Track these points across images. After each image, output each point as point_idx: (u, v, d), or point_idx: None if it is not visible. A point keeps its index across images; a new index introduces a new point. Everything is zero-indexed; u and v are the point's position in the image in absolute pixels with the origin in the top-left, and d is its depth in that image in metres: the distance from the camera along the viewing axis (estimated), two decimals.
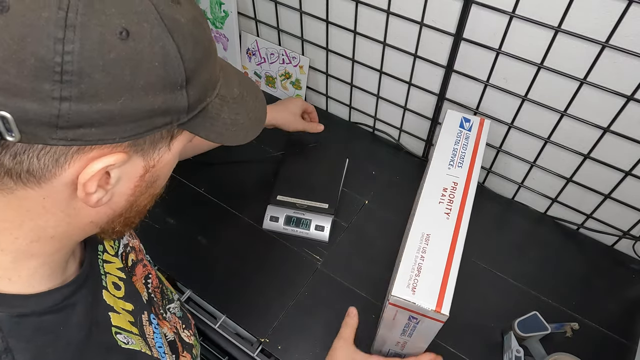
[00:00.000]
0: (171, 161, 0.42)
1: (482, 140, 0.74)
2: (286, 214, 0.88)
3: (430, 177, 0.68)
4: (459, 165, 0.70)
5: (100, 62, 0.31)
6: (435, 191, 0.67)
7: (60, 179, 0.35)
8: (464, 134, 0.75)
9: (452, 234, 0.64)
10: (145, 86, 0.34)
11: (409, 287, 0.58)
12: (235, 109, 0.44)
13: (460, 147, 0.73)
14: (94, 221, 0.41)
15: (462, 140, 0.74)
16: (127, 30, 0.32)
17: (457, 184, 0.68)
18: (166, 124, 0.37)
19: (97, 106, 0.32)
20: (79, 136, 0.33)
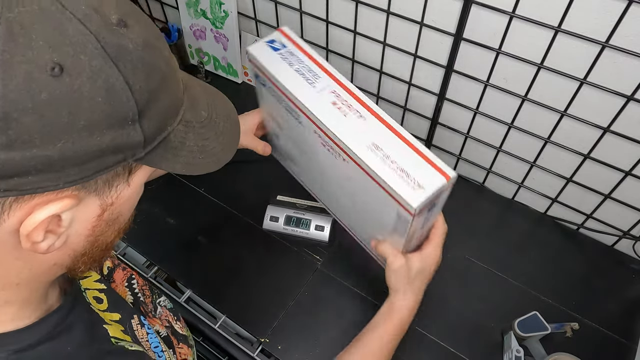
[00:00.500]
0: (133, 195, 0.38)
1: (302, 44, 0.68)
2: (286, 214, 0.88)
3: (311, 107, 0.62)
4: (317, 78, 0.64)
5: (29, 104, 0.27)
6: (330, 111, 0.61)
7: (2, 229, 0.31)
8: (286, 53, 0.67)
9: (383, 124, 0.60)
10: (87, 126, 0.30)
11: (414, 189, 0.55)
12: (203, 134, 0.40)
13: (297, 64, 0.66)
14: (57, 263, 0.38)
15: (290, 58, 0.66)
16: (61, 65, 0.28)
17: (337, 91, 0.63)
18: (119, 162, 0.33)
19: (31, 153, 0.28)
20: (13, 186, 0.29)
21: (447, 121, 0.92)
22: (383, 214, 0.62)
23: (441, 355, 0.74)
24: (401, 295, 0.64)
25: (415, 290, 0.65)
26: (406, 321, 0.64)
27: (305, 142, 0.70)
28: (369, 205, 0.65)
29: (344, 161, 0.62)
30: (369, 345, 0.62)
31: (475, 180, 0.98)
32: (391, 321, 0.63)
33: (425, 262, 0.64)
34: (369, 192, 0.61)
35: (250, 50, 0.68)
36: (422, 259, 0.64)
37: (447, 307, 0.79)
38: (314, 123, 0.63)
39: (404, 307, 0.64)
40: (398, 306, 0.64)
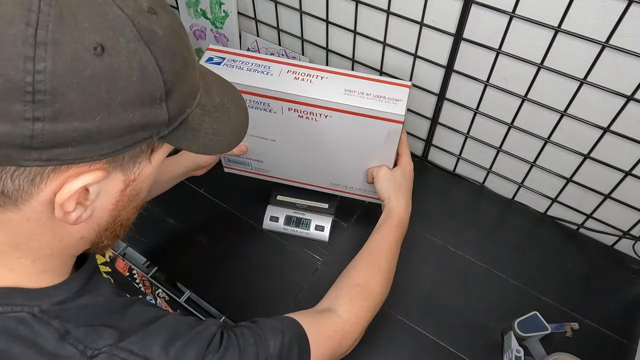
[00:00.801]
0: (152, 174, 0.41)
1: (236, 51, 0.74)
2: (286, 214, 0.88)
3: (281, 88, 0.69)
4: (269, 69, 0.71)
5: (75, 79, 0.30)
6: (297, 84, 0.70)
7: (38, 199, 0.34)
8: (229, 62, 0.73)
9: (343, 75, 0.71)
10: (123, 102, 0.33)
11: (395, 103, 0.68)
12: (217, 118, 0.43)
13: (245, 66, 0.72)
14: (84, 237, 0.41)
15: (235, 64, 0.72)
16: (102, 45, 0.31)
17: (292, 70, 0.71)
18: (146, 139, 0.36)
19: (73, 125, 0.31)
20: (54, 156, 0.32)
21: (447, 121, 0.92)
22: (373, 141, 0.73)
23: (441, 355, 0.74)
24: (393, 198, 0.75)
25: (404, 192, 0.76)
26: (403, 218, 0.74)
27: (279, 127, 0.76)
28: (357, 143, 0.74)
29: (326, 118, 0.71)
30: (373, 243, 0.70)
31: (475, 180, 0.98)
32: (390, 220, 0.72)
33: (405, 169, 0.78)
34: (356, 131, 0.71)
35: None
36: (402, 168, 0.77)
37: (447, 307, 0.79)
38: (287, 101, 0.70)
39: (398, 206, 0.74)
40: (393, 207, 0.74)
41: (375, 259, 0.68)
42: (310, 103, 0.69)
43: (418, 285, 0.82)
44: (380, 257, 0.68)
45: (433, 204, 0.94)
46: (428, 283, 0.82)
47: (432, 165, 1.02)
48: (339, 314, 0.61)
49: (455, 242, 0.87)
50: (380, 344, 0.75)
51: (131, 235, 0.86)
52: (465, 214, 0.93)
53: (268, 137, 0.80)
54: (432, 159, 1.02)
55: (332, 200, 0.90)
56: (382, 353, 0.74)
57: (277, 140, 0.80)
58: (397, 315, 0.78)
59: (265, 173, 0.89)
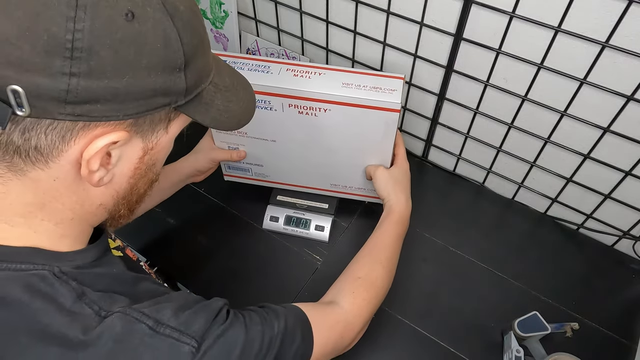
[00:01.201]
0: (167, 145, 0.44)
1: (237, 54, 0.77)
2: (286, 214, 0.88)
3: (281, 84, 0.71)
4: (269, 68, 0.74)
5: (108, 40, 0.33)
6: (297, 80, 0.72)
7: (67, 156, 0.37)
8: (230, 64, 0.74)
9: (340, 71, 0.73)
10: (148, 66, 0.35)
11: (391, 93, 0.70)
12: (228, 97, 0.46)
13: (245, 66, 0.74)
14: (102, 203, 0.44)
15: (236, 65, 0.75)
16: (133, 12, 0.34)
17: (290, 68, 0.73)
18: (165, 105, 0.39)
19: (104, 83, 0.34)
20: (85, 112, 0.34)
21: (447, 121, 0.92)
22: (371, 134, 0.75)
23: (441, 355, 0.74)
24: (393, 195, 0.76)
25: (402, 189, 0.77)
26: (404, 214, 0.75)
27: (280, 126, 0.77)
28: (355, 137, 0.76)
29: (325, 112, 0.73)
30: (374, 239, 0.72)
31: (475, 180, 0.98)
32: (390, 216, 0.73)
33: (402, 167, 0.79)
34: (354, 122, 0.73)
35: None
36: (398, 166, 0.79)
37: (447, 307, 0.79)
38: (287, 97, 0.72)
39: (398, 204, 0.75)
40: (393, 204, 0.75)
41: (376, 254, 0.69)
42: (309, 97, 0.71)
43: (418, 285, 0.82)
44: (381, 252, 0.69)
45: (433, 204, 0.94)
46: (428, 283, 0.82)
47: (432, 165, 1.02)
48: (341, 306, 0.62)
49: (455, 242, 0.87)
50: (380, 344, 0.75)
51: (132, 235, 0.87)
52: (465, 214, 0.93)
53: (269, 138, 0.80)
54: (432, 159, 1.02)
55: (332, 201, 0.90)
56: (382, 353, 0.74)
57: (277, 141, 0.80)
58: (397, 315, 0.78)
59: (266, 178, 0.90)
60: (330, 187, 0.88)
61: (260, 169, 0.88)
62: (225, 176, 0.92)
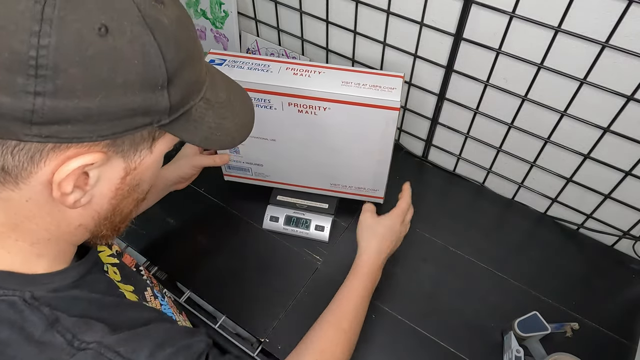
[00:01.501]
0: (154, 165, 0.41)
1: (237, 54, 0.77)
2: (286, 214, 0.88)
3: (281, 82, 0.71)
4: (269, 67, 0.74)
5: (77, 57, 0.31)
6: (296, 79, 0.72)
7: (37, 177, 0.34)
8: (230, 63, 0.75)
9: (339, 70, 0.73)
10: (124, 84, 0.33)
11: (391, 91, 0.70)
12: (222, 114, 0.43)
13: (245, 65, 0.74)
14: (82, 224, 0.41)
15: (237, 64, 0.74)
16: (106, 26, 0.31)
17: (290, 67, 0.74)
18: (146, 125, 0.36)
19: (74, 102, 0.31)
20: (54, 133, 0.32)
21: (447, 121, 0.92)
22: (371, 133, 0.74)
23: (441, 355, 0.74)
24: (363, 243, 0.72)
25: (377, 249, 0.71)
26: (373, 263, 0.70)
27: (279, 125, 0.77)
28: (355, 136, 0.76)
29: (325, 110, 0.72)
30: (339, 300, 0.68)
31: (475, 180, 0.98)
32: (357, 269, 0.70)
33: (390, 222, 0.74)
34: (354, 121, 0.73)
35: None
36: (388, 219, 0.74)
37: (447, 307, 0.79)
38: (287, 95, 0.72)
39: (367, 251, 0.71)
40: (361, 262, 0.71)
41: (339, 321, 0.65)
42: (309, 96, 0.71)
43: (418, 285, 0.82)
44: (345, 317, 0.65)
45: (433, 204, 0.94)
46: (428, 283, 0.82)
47: (432, 165, 1.02)
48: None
49: (455, 242, 0.87)
50: (380, 344, 0.75)
51: (131, 234, 0.87)
52: (465, 214, 0.93)
53: (269, 137, 0.80)
54: (432, 159, 1.02)
55: (332, 200, 0.90)
56: (382, 353, 0.74)
57: (277, 140, 0.80)
58: (397, 315, 0.78)
59: (266, 178, 0.90)
60: (330, 187, 0.88)
61: (260, 168, 0.88)
62: (225, 176, 0.92)
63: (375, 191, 0.87)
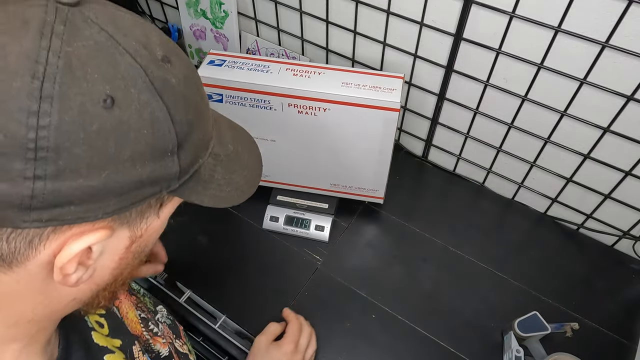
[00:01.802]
0: (159, 228, 0.39)
1: (236, 54, 0.77)
2: (286, 214, 0.88)
3: (280, 83, 0.71)
4: (269, 68, 0.74)
5: (82, 134, 0.28)
6: (296, 80, 0.72)
7: (35, 261, 0.31)
8: (230, 63, 0.75)
9: (339, 70, 0.74)
10: (132, 157, 0.30)
11: (391, 92, 0.70)
12: (230, 167, 0.41)
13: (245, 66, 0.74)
14: (76, 298, 0.38)
15: (237, 65, 0.74)
16: (112, 97, 0.29)
17: (290, 68, 0.74)
18: (155, 193, 0.34)
19: (77, 183, 0.29)
20: (55, 216, 0.29)
21: (447, 121, 0.92)
22: (371, 133, 0.74)
23: (441, 355, 0.74)
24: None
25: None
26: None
27: (279, 126, 0.77)
28: (355, 136, 0.76)
29: (325, 111, 0.73)
30: None
31: (475, 180, 0.98)
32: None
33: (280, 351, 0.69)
34: (354, 122, 0.73)
35: (199, 73, 0.73)
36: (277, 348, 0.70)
37: (447, 307, 0.79)
38: (287, 96, 0.72)
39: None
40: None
41: None
42: (309, 97, 0.71)
43: (418, 285, 0.82)
44: None
45: (433, 204, 0.95)
46: (428, 283, 0.82)
47: (432, 165, 1.02)
48: None
49: (455, 242, 0.87)
50: (380, 344, 0.75)
51: None
52: (465, 214, 0.93)
53: (268, 138, 0.80)
54: (432, 159, 1.02)
55: (332, 201, 0.90)
56: (382, 353, 0.74)
57: (277, 141, 0.80)
58: (397, 315, 0.78)
59: (266, 178, 0.90)
60: (330, 187, 0.88)
61: None
62: None
63: (376, 191, 0.86)
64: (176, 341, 0.63)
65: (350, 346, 0.75)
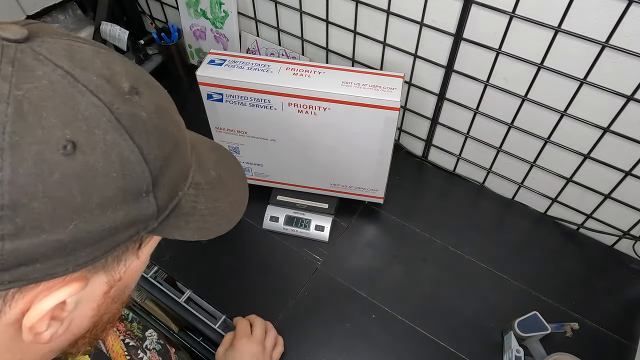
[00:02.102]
0: (141, 267, 0.36)
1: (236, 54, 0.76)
2: (286, 214, 0.88)
3: (281, 82, 0.71)
4: (269, 67, 0.74)
5: (40, 187, 0.25)
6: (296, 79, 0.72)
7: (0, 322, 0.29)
8: (230, 63, 0.74)
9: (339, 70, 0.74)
10: (101, 203, 0.27)
11: (391, 92, 0.70)
12: (213, 195, 0.38)
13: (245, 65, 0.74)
14: (53, 349, 0.35)
15: (237, 64, 0.74)
16: (74, 142, 0.26)
17: (290, 67, 0.74)
18: (132, 236, 0.31)
19: (40, 239, 0.26)
20: (19, 276, 0.26)
21: (447, 121, 0.92)
22: (371, 132, 0.74)
23: (441, 355, 0.74)
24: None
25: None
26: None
27: (279, 125, 0.77)
28: (355, 136, 0.76)
29: (325, 111, 0.73)
30: None
31: (475, 180, 0.98)
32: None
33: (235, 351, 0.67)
34: (353, 121, 0.73)
35: (199, 73, 0.74)
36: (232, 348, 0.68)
37: (447, 307, 0.79)
38: (287, 95, 0.72)
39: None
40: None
41: None
42: (309, 96, 0.71)
43: (418, 285, 0.82)
44: None
45: (433, 204, 0.95)
46: (428, 283, 0.82)
47: (432, 165, 1.02)
48: None
49: (455, 242, 0.87)
50: (380, 344, 0.75)
51: None
52: (465, 214, 0.93)
53: (269, 138, 0.80)
54: (432, 159, 1.02)
55: (332, 201, 0.90)
56: (382, 353, 0.74)
57: (277, 140, 0.80)
58: (397, 315, 0.78)
59: (266, 178, 0.90)
60: (330, 187, 0.88)
61: (260, 168, 0.88)
62: None
63: (376, 191, 0.86)
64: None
65: (350, 346, 0.75)
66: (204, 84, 0.74)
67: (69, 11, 1.15)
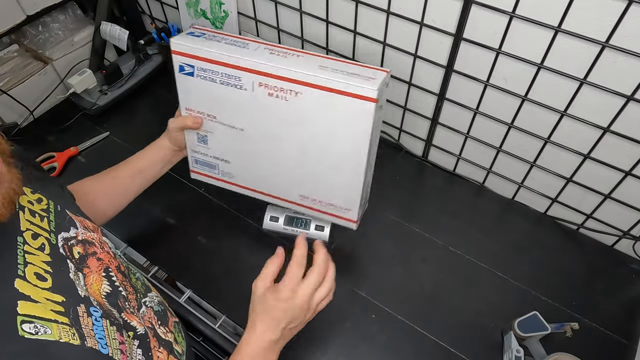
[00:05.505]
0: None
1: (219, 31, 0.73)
2: (286, 214, 0.88)
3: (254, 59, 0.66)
4: (247, 45, 0.70)
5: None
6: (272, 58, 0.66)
7: None
8: (210, 36, 0.71)
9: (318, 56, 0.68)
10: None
11: (369, 80, 0.62)
12: None
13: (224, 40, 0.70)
14: None
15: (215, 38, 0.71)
16: None
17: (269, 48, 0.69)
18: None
19: None
20: None
21: (447, 121, 0.92)
22: (343, 127, 0.66)
23: (441, 355, 0.74)
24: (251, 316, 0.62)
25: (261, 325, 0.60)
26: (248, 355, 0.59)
27: (248, 109, 0.71)
28: (326, 133, 0.68)
29: (296, 95, 0.66)
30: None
31: (475, 180, 0.98)
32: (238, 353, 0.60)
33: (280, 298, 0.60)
34: (325, 111, 0.66)
35: (174, 40, 0.69)
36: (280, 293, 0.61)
37: (447, 307, 0.79)
38: (259, 73, 0.66)
39: (245, 340, 0.60)
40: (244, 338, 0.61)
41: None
42: (281, 75, 0.65)
43: (418, 285, 0.82)
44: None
45: (433, 204, 0.94)
46: (428, 283, 0.82)
47: (432, 165, 1.02)
48: None
49: (455, 242, 0.87)
50: (380, 344, 0.75)
51: (132, 235, 0.87)
52: (465, 214, 0.93)
53: (237, 126, 0.75)
54: (432, 159, 1.02)
55: None
56: (382, 353, 0.74)
57: (245, 130, 0.75)
58: (398, 315, 0.78)
59: (231, 179, 0.84)
60: (299, 199, 0.79)
61: (227, 166, 0.82)
62: (191, 173, 0.86)
63: (347, 211, 0.76)
64: (160, 327, 0.62)
65: (350, 346, 0.75)
66: (176, 53, 0.70)
67: (69, 11, 1.15)
